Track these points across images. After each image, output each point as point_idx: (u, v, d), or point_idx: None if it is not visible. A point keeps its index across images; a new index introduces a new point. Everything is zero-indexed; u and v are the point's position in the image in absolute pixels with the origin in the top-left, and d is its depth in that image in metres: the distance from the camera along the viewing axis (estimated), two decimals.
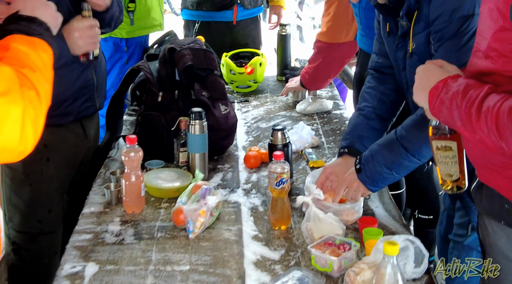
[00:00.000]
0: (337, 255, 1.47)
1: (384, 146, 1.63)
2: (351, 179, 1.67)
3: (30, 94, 1.09)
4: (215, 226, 1.70)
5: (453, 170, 1.30)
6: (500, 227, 1.17)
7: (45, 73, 1.19)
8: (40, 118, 1.12)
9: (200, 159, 1.95)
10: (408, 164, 1.61)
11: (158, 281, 1.44)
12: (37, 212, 1.99)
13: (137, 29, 3.02)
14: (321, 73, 2.65)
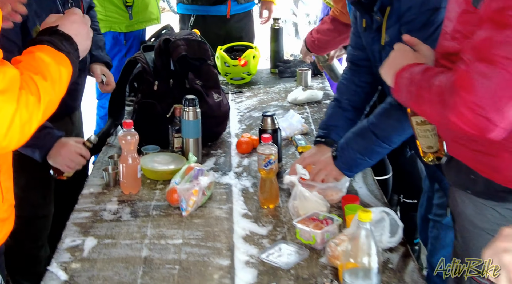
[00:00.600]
0: (320, 228, 1.57)
1: (357, 134, 1.74)
2: (326, 162, 1.78)
3: (29, 99, 1.14)
4: (207, 205, 1.80)
5: (433, 142, 1.41)
6: (467, 196, 1.27)
7: (58, 86, 1.25)
8: (33, 123, 1.17)
9: (194, 144, 2.05)
10: (379, 149, 1.72)
11: (152, 253, 1.54)
12: (31, 197, 2.09)
13: (135, 23, 3.13)
14: (331, 46, 2.72)
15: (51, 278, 1.43)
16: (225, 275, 1.45)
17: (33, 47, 1.26)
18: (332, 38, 2.64)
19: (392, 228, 1.46)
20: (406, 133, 1.66)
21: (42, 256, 2.19)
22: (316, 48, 2.70)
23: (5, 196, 1.28)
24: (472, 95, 1.04)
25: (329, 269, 1.47)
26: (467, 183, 1.25)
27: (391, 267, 1.47)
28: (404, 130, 1.65)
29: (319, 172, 1.78)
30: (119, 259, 1.51)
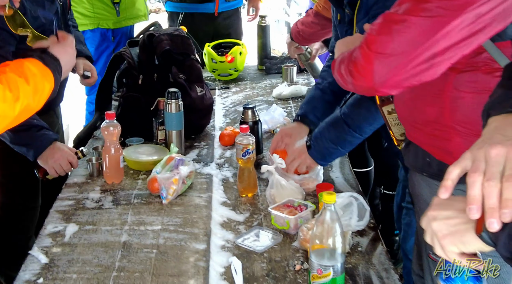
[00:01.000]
0: (294, 214, 1.63)
1: (330, 124, 1.80)
2: (300, 151, 1.85)
3: (6, 94, 1.19)
4: (187, 193, 1.86)
5: (402, 129, 1.46)
6: (423, 178, 1.33)
7: (38, 96, 1.31)
8: (6, 118, 1.22)
9: (176, 136, 2.11)
10: (351, 139, 1.78)
11: (131, 238, 1.59)
12: (21, 189, 2.15)
13: (123, 20, 3.19)
14: (315, 38, 2.78)
15: (32, 261, 1.48)
16: (201, 258, 1.51)
17: (22, 58, 1.33)
18: (315, 31, 2.69)
19: (360, 212, 1.52)
20: (377, 123, 1.72)
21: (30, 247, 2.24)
22: (300, 39, 2.76)
23: None
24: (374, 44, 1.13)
25: (301, 252, 1.52)
26: (423, 166, 1.31)
27: (360, 250, 1.53)
28: (374, 120, 1.71)
29: (293, 160, 1.84)
30: (99, 244, 1.56)
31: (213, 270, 1.45)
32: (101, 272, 1.44)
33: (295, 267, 1.46)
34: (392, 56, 1.11)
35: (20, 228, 2.21)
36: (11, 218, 2.20)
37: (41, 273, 1.43)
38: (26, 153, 1.92)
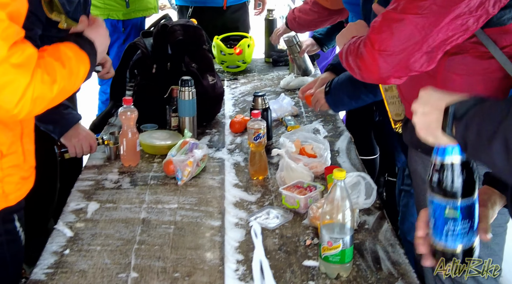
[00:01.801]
0: (304, 194, 1.72)
1: (349, 79, 1.96)
2: (319, 92, 2.11)
3: (44, 78, 1.26)
4: (201, 176, 1.94)
5: (400, 109, 1.55)
6: (418, 154, 1.42)
7: (74, 79, 1.37)
8: (46, 100, 1.28)
9: (189, 122, 2.20)
10: (365, 98, 1.97)
11: (150, 216, 1.68)
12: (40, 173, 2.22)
13: (132, 12, 3.27)
14: (310, 26, 2.87)
15: (58, 235, 1.57)
16: (216, 233, 1.59)
17: (59, 43, 1.41)
18: (312, 19, 2.77)
19: (367, 190, 1.60)
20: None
21: (48, 229, 2.33)
22: (296, 26, 2.84)
23: (27, 157, 1.42)
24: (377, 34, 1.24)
25: (310, 229, 1.61)
26: (418, 142, 1.40)
27: (367, 228, 1.62)
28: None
29: (316, 102, 2.12)
30: (120, 220, 1.65)
31: (228, 244, 1.54)
32: (123, 245, 1.53)
33: (306, 242, 1.55)
34: (394, 53, 1.23)
35: (38, 210, 2.29)
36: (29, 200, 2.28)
37: (67, 245, 1.52)
38: (52, 131, 1.98)
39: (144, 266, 1.43)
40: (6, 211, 1.44)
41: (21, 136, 1.38)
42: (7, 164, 1.37)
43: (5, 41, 1.17)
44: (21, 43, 1.23)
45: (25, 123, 1.40)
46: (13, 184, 1.41)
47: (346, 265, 1.39)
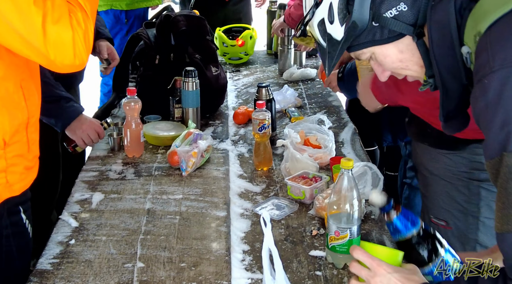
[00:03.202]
0: (309, 185, 1.71)
1: None
2: (333, 74, 2.18)
3: (78, 16, 1.26)
4: (205, 166, 1.93)
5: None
6: (424, 147, 1.42)
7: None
8: (89, 33, 1.30)
9: (193, 113, 2.19)
10: None
11: (155, 206, 1.67)
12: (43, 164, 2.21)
13: (136, 2, 3.26)
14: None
15: (63, 225, 1.57)
16: (222, 224, 1.59)
17: None
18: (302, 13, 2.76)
19: (373, 180, 1.60)
20: None
21: (51, 220, 2.33)
22: (290, 21, 2.84)
23: (31, 147, 1.41)
24: None
25: (316, 219, 1.61)
26: (424, 136, 1.40)
27: (373, 218, 1.61)
28: None
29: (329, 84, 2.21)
30: (125, 210, 1.64)
31: (234, 235, 1.53)
32: (129, 235, 1.52)
33: (312, 232, 1.54)
34: None
35: (41, 202, 2.28)
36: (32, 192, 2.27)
37: (73, 235, 1.51)
38: (54, 124, 1.98)
39: (150, 256, 1.42)
40: (11, 203, 1.43)
41: (26, 125, 1.37)
42: (11, 153, 1.36)
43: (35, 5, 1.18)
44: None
45: (32, 112, 1.38)
46: (17, 174, 1.40)
47: None
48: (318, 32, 1.13)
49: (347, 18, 1.07)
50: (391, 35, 1.08)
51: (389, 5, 1.05)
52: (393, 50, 1.10)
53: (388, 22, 1.06)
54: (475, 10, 0.98)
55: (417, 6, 1.05)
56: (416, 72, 1.13)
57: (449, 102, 1.09)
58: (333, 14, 1.07)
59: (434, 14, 1.03)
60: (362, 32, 1.08)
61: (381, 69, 1.17)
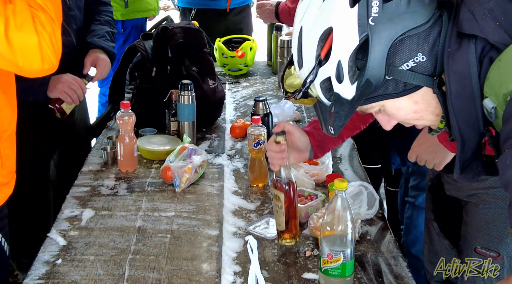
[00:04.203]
0: (304, 203, 1.67)
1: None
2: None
3: (42, 19, 1.23)
4: (200, 182, 1.90)
5: (280, 220, 1.48)
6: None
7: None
8: (56, 35, 1.27)
9: (189, 127, 2.15)
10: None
11: (146, 224, 1.64)
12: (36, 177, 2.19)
13: (131, 12, 3.24)
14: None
15: (50, 243, 1.53)
16: (213, 243, 1.55)
17: None
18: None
19: (369, 200, 1.56)
20: None
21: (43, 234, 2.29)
22: (289, 18, 2.79)
23: (5, 162, 1.37)
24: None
25: (311, 239, 1.56)
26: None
27: (369, 238, 1.57)
28: None
29: None
30: (115, 228, 1.61)
31: (225, 255, 1.49)
32: (117, 254, 1.48)
33: (306, 253, 1.50)
34: None
35: (33, 215, 2.25)
36: (25, 205, 2.24)
37: (60, 254, 1.48)
38: (35, 97, 1.93)
39: (138, 278, 1.39)
40: None
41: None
42: None
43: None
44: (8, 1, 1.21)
45: (4, 126, 1.36)
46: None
47: (347, 279, 1.34)
48: (320, 91, 0.99)
49: (358, 75, 0.94)
50: (407, 88, 0.97)
51: (405, 57, 0.94)
52: (407, 102, 0.99)
53: (405, 75, 0.95)
54: (502, 63, 0.90)
55: (434, 53, 0.95)
56: (431, 121, 1.04)
57: (466, 153, 1.01)
58: (342, 72, 0.94)
59: (453, 63, 0.93)
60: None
61: (387, 119, 1.06)
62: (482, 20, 0.92)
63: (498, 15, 0.91)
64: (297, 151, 1.56)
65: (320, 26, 0.96)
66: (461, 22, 0.94)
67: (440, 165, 1.55)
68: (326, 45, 0.95)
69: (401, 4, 0.92)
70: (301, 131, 1.56)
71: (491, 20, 0.91)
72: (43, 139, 2.16)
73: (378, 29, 0.92)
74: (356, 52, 0.93)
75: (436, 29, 0.95)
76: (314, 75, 0.97)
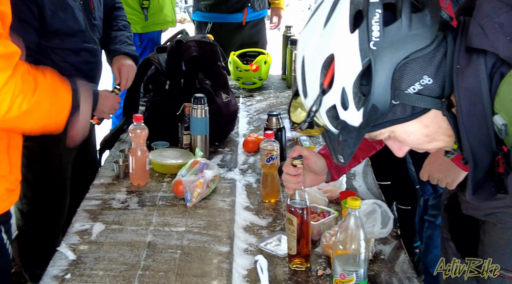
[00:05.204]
0: (317, 220, 1.64)
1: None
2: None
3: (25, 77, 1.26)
4: (211, 197, 1.88)
5: (292, 244, 1.46)
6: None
7: (53, 105, 1.37)
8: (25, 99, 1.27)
9: (201, 141, 2.14)
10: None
11: (156, 239, 1.62)
12: (48, 187, 2.20)
13: (151, 25, 3.26)
14: None
15: (60, 257, 1.52)
16: (224, 260, 1.52)
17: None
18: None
19: (383, 219, 1.52)
20: None
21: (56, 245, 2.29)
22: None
23: (13, 170, 1.39)
24: None
25: (323, 258, 1.53)
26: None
27: (382, 258, 1.53)
28: None
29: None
30: (125, 243, 1.59)
31: (236, 272, 1.47)
32: (127, 270, 1.46)
33: (318, 272, 1.47)
34: None
35: (47, 225, 2.25)
36: (39, 215, 2.24)
37: (69, 269, 1.47)
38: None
39: None
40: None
41: (7, 148, 1.36)
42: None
43: None
44: (4, 38, 1.24)
45: (12, 134, 1.37)
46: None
47: None
48: (327, 119, 0.96)
49: (363, 101, 0.92)
50: (415, 111, 0.94)
51: (411, 80, 0.92)
52: (417, 126, 0.96)
53: (412, 98, 0.92)
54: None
55: (441, 74, 0.92)
56: (444, 142, 1.00)
57: (478, 173, 0.98)
58: (347, 99, 0.92)
59: (463, 80, 0.91)
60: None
61: (399, 145, 1.03)
62: (493, 35, 0.89)
63: (509, 30, 0.89)
64: (313, 173, 1.53)
65: (322, 54, 0.94)
66: (471, 36, 0.91)
67: (452, 183, 1.52)
68: (329, 73, 0.93)
69: (402, 27, 0.90)
70: (318, 155, 1.53)
71: (502, 34, 0.89)
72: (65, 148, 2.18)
73: (381, 53, 0.90)
74: (360, 78, 0.91)
75: (441, 51, 0.93)
76: (318, 104, 0.95)
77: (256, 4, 3.50)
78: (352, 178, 2.02)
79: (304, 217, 1.45)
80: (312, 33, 0.96)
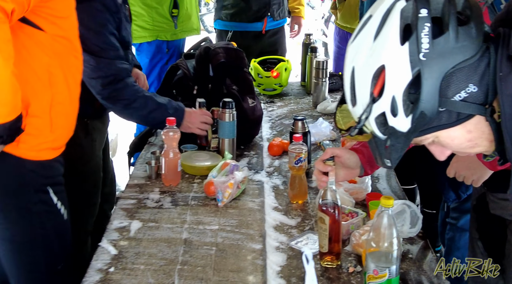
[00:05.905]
0: (345, 220, 1.70)
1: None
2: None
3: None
4: (241, 198, 1.95)
5: (323, 242, 1.52)
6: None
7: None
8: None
9: (229, 144, 2.21)
10: None
11: (191, 236, 1.69)
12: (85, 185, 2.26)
13: (179, 32, 3.35)
14: None
15: (102, 252, 1.59)
16: (258, 257, 1.59)
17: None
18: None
19: (412, 219, 1.59)
20: None
21: (88, 241, 2.36)
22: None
23: (54, 128, 1.51)
24: None
25: (353, 256, 1.60)
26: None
27: (411, 257, 1.59)
28: None
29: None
30: (162, 240, 1.66)
31: (270, 268, 1.53)
32: (166, 264, 1.53)
33: (348, 269, 1.53)
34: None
35: (80, 223, 2.32)
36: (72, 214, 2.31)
37: (112, 262, 1.54)
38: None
39: None
40: (36, 181, 1.53)
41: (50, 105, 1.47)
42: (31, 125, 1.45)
43: None
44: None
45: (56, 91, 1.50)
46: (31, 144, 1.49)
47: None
48: (375, 126, 1.02)
49: (412, 108, 0.98)
50: (460, 117, 1.00)
51: (457, 88, 0.97)
52: (461, 131, 1.02)
53: (458, 105, 0.98)
54: None
55: (485, 82, 0.97)
56: (486, 147, 1.06)
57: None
58: (397, 107, 0.98)
59: (506, 87, 0.96)
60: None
61: (441, 149, 1.09)
62: None
63: None
64: (347, 168, 1.60)
65: (373, 65, 1.00)
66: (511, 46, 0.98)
67: (478, 181, 1.58)
68: (379, 82, 0.99)
69: (450, 39, 0.96)
70: (350, 152, 1.60)
71: None
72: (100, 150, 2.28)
73: (430, 64, 0.96)
74: (409, 87, 0.98)
75: (485, 61, 0.98)
76: (368, 111, 1.01)
77: (276, 13, 3.60)
78: (376, 181, 2.09)
79: (335, 216, 1.51)
80: (362, 46, 1.01)
